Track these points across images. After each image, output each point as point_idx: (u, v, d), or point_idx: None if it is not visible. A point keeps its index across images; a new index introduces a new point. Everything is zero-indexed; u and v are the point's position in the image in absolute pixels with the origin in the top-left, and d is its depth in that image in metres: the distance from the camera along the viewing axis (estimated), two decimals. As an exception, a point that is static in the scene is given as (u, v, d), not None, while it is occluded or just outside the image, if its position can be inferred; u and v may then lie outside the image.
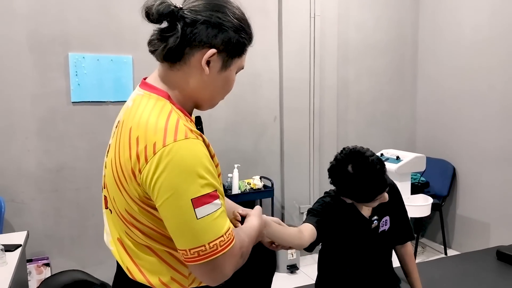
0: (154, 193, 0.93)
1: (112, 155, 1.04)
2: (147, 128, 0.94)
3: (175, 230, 0.94)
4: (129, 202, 1.00)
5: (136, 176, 0.95)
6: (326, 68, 3.73)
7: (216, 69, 1.03)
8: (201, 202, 0.91)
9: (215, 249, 0.92)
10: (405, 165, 3.24)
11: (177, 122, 0.95)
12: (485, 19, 3.52)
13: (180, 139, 0.92)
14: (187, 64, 1.01)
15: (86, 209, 3.03)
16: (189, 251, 0.93)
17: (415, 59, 4.23)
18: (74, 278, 2.44)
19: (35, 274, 2.85)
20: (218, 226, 0.94)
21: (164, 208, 0.93)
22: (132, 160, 0.95)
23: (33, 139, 2.86)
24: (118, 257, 1.09)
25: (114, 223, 1.10)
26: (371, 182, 1.54)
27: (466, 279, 2.26)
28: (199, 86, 1.04)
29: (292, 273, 3.49)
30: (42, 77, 2.85)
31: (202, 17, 0.98)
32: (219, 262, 0.94)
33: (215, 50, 1.00)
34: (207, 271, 0.95)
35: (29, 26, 2.79)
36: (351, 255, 1.73)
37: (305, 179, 3.74)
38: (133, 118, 1.00)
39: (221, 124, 3.43)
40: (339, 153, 1.62)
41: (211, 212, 0.92)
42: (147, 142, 0.93)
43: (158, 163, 0.91)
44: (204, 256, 0.92)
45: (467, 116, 3.74)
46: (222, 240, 0.93)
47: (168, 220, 0.94)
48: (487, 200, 3.60)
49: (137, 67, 3.08)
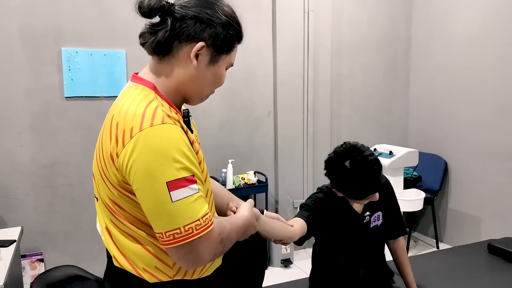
0: (130, 176, 0.95)
1: (97, 144, 1.08)
2: (127, 114, 0.97)
3: (151, 213, 0.96)
4: (110, 188, 1.03)
5: (114, 160, 0.98)
6: (320, 63, 3.74)
7: (204, 62, 1.06)
8: (177, 185, 0.93)
9: (190, 232, 0.94)
10: (398, 160, 3.26)
11: (156, 108, 0.98)
12: (477, 16, 3.54)
13: (157, 124, 0.94)
14: (176, 57, 1.05)
15: (80, 204, 3.02)
16: (165, 234, 0.94)
17: (408, 55, 4.25)
18: (69, 274, 2.44)
19: (29, 270, 2.85)
20: (194, 210, 0.95)
21: (140, 192, 0.95)
22: (111, 145, 0.98)
23: (26, 135, 2.85)
24: (107, 247, 1.12)
25: (101, 211, 1.14)
26: (365, 181, 1.56)
27: (458, 272, 2.29)
28: (187, 79, 1.07)
29: (286, 268, 3.52)
30: (35, 72, 2.83)
31: (192, 12, 1.02)
32: (195, 245, 0.95)
33: (203, 43, 1.03)
34: (183, 254, 0.96)
35: (22, 20, 2.76)
36: (344, 249, 1.75)
37: (299, 174, 3.75)
38: (116, 107, 1.03)
39: (216, 119, 3.43)
40: (339, 146, 1.63)
41: (186, 196, 0.94)
42: (125, 127, 0.96)
43: (134, 147, 0.93)
44: (180, 238, 0.94)
45: (459, 111, 3.77)
46: (198, 224, 0.95)
47: (145, 204, 0.96)
48: (478, 194, 3.64)
49: (130, 62, 3.07)
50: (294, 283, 2.27)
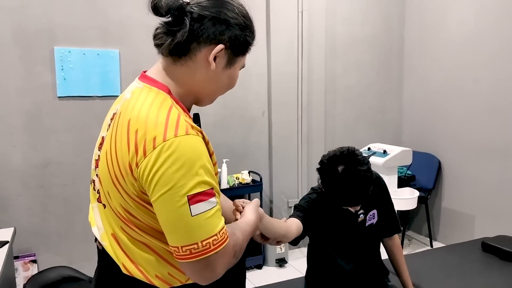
0: (150, 187, 0.91)
1: (107, 148, 1.02)
2: (147, 121, 0.93)
3: (168, 226, 0.93)
4: (125, 197, 0.98)
5: (133, 170, 0.93)
6: (314, 62, 3.74)
7: (222, 65, 1.04)
8: (197, 199, 0.90)
9: (207, 248, 0.92)
10: (392, 159, 3.27)
11: (178, 117, 0.94)
12: (471, 15, 3.56)
13: (181, 135, 0.91)
14: (193, 59, 1.01)
15: (73, 204, 3.00)
16: (181, 248, 0.92)
17: (401, 54, 4.27)
18: (62, 275, 2.43)
19: (22, 271, 2.82)
20: (212, 225, 0.93)
21: (159, 203, 0.92)
22: (130, 154, 0.94)
23: (19, 135, 2.82)
24: (113, 253, 1.07)
25: (107, 218, 1.08)
26: (352, 191, 1.55)
27: (452, 270, 2.30)
28: (203, 81, 1.04)
29: (281, 267, 3.52)
30: (27, 72, 2.81)
31: (210, 13, 0.98)
32: (211, 261, 0.93)
33: (223, 45, 1.00)
34: (198, 269, 0.94)
35: (14, 19, 2.74)
36: (339, 248, 1.75)
37: (293, 173, 3.75)
38: (131, 110, 0.98)
39: (210, 118, 3.42)
40: (334, 150, 1.62)
41: (205, 210, 0.92)
42: (147, 136, 0.92)
43: (157, 157, 0.90)
44: (196, 254, 0.91)
45: (452, 110, 3.79)
46: (215, 239, 0.93)
47: (162, 216, 0.93)
48: (472, 193, 3.66)
49: (124, 61, 3.05)
50: (289, 283, 2.27)
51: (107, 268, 1.12)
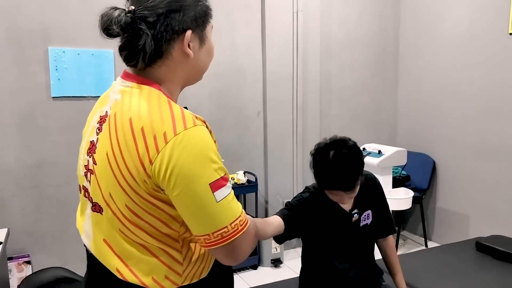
0: (170, 183, 0.91)
1: (107, 150, 1.00)
2: (152, 118, 0.93)
3: (195, 216, 0.95)
4: (133, 197, 0.97)
5: (146, 168, 0.93)
6: (309, 62, 3.75)
7: (197, 46, 1.04)
8: (218, 185, 0.94)
9: (236, 229, 0.96)
10: (386, 159, 3.28)
11: (182, 110, 0.96)
12: (465, 15, 3.58)
13: (190, 127, 0.93)
14: (169, 58, 1.01)
15: (67, 205, 2.98)
16: (212, 235, 0.94)
17: (396, 54, 4.28)
18: (56, 276, 2.42)
19: (16, 272, 2.81)
20: (235, 207, 0.97)
21: (182, 196, 0.93)
22: (140, 152, 0.93)
23: (13, 135, 2.81)
24: (103, 259, 1.06)
25: (100, 223, 1.06)
26: (343, 172, 1.56)
27: (447, 270, 2.31)
28: (187, 71, 1.05)
29: (276, 267, 3.52)
30: (21, 72, 2.79)
31: (162, 9, 0.97)
32: (240, 241, 0.97)
33: (190, 30, 1.00)
34: (230, 251, 0.97)
35: (8, 19, 2.72)
36: (333, 248, 1.75)
37: (289, 173, 3.76)
38: (129, 109, 0.97)
39: (205, 118, 3.40)
40: (330, 138, 1.65)
41: (227, 194, 0.95)
42: (156, 133, 0.92)
43: (171, 152, 0.90)
44: (228, 237, 0.95)
45: (447, 111, 3.80)
46: (241, 220, 0.97)
47: (187, 208, 0.94)
48: (466, 193, 3.68)
49: (118, 61, 3.03)
50: (284, 283, 2.27)
51: (97, 272, 1.11)
